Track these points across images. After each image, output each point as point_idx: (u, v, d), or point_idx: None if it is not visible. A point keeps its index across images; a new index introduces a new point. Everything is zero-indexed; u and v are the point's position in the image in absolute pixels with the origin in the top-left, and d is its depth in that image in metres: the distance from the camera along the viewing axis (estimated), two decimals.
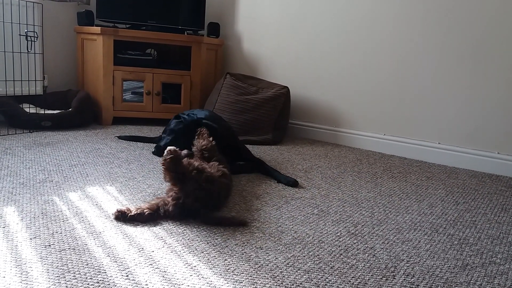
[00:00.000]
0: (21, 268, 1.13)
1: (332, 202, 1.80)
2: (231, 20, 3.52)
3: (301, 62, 3.15)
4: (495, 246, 1.48)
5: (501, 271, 1.30)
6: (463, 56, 2.50)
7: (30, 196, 1.63)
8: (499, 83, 2.41)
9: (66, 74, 3.42)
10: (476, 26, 2.44)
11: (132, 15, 3.23)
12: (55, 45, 3.33)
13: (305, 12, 3.09)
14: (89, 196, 1.68)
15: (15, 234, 1.32)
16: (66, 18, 3.36)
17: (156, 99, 3.15)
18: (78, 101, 2.92)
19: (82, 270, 1.14)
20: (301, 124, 3.19)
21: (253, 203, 1.72)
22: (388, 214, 1.70)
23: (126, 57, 3.10)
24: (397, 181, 2.18)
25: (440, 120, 2.61)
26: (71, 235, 1.33)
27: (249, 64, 3.44)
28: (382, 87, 2.80)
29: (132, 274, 1.14)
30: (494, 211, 1.83)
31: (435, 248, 1.43)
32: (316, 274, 1.20)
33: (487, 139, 2.47)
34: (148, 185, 1.84)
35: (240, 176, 2.06)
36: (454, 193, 2.04)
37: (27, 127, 2.71)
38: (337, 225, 1.56)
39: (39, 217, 1.45)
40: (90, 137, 2.66)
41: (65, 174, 1.93)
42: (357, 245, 1.41)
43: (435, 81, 2.61)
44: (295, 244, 1.38)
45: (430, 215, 1.72)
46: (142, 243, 1.32)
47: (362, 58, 2.87)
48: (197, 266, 1.21)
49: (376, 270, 1.25)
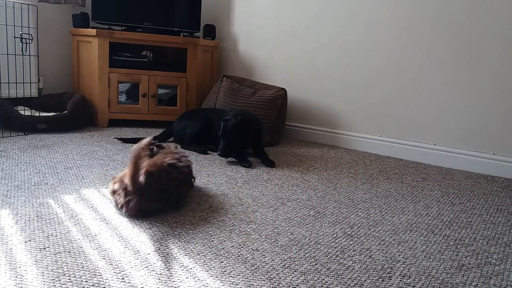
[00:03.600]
0: (15, 271, 1.12)
1: (328, 203, 1.80)
2: (226, 22, 3.53)
3: (297, 64, 3.15)
4: (491, 246, 1.49)
5: (497, 272, 1.31)
6: (458, 58, 2.51)
7: (25, 199, 1.62)
8: (494, 84, 2.42)
9: (61, 76, 3.41)
10: (471, 28, 2.45)
11: (127, 17, 3.23)
12: (50, 47, 3.32)
13: (302, 14, 3.10)
14: (84, 198, 1.67)
15: (9, 237, 1.31)
16: (61, 20, 3.36)
17: (152, 101, 3.14)
18: (73, 104, 2.91)
19: (77, 273, 1.13)
20: (297, 126, 3.20)
21: (249, 204, 1.72)
22: (384, 215, 1.71)
23: (121, 59, 3.10)
24: (393, 182, 2.18)
25: (436, 122, 2.62)
26: (66, 238, 1.33)
27: (245, 66, 3.44)
28: (378, 88, 2.81)
29: (127, 277, 1.13)
30: (490, 211, 1.84)
31: (431, 249, 1.43)
32: (312, 276, 1.20)
33: (482, 140, 2.48)
34: None
35: (237, 178, 2.06)
36: (449, 194, 2.05)
37: (22, 130, 2.70)
38: (333, 226, 1.56)
39: (34, 220, 1.44)
40: (85, 140, 2.65)
41: (60, 176, 1.92)
42: (353, 247, 1.41)
43: (430, 83, 2.62)
44: (291, 245, 1.38)
45: (426, 216, 1.73)
46: (138, 245, 1.31)
47: (358, 60, 2.87)
48: (193, 268, 1.20)
49: (372, 271, 1.26)
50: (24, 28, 2.80)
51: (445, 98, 2.58)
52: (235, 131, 2.30)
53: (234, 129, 2.30)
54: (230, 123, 2.31)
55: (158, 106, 3.17)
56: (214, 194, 1.82)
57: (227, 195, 1.81)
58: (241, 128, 2.31)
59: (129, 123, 3.24)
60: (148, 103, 3.13)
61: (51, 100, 3.10)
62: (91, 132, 2.87)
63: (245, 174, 2.14)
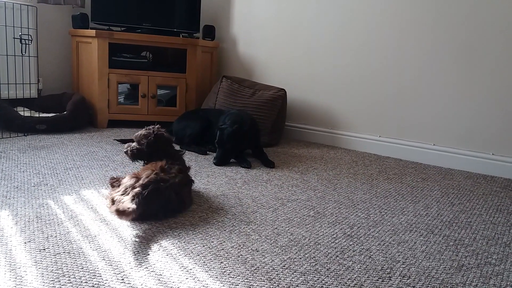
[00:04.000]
0: (15, 272, 1.12)
1: (328, 204, 1.80)
2: (226, 22, 3.53)
3: (297, 64, 3.15)
4: (490, 246, 1.49)
5: (497, 272, 1.31)
6: (457, 58, 2.52)
7: (24, 200, 1.62)
8: (493, 85, 2.42)
9: (61, 77, 3.41)
10: (471, 29, 2.46)
11: (127, 17, 3.22)
12: (49, 48, 3.32)
13: (301, 15, 3.10)
14: (84, 199, 1.67)
15: (9, 238, 1.31)
16: (61, 21, 3.35)
17: (152, 101, 3.14)
18: (73, 104, 2.91)
19: (77, 274, 1.13)
20: (297, 126, 3.20)
21: (249, 205, 1.72)
22: (383, 216, 1.71)
23: (121, 60, 3.10)
24: (392, 182, 2.18)
25: (435, 122, 2.62)
26: (66, 239, 1.33)
27: (244, 66, 3.44)
28: (378, 89, 2.81)
29: (127, 278, 1.13)
30: (489, 212, 1.84)
31: (430, 249, 1.43)
32: (312, 276, 1.20)
33: (482, 141, 2.48)
34: None
35: (237, 178, 2.06)
36: (449, 194, 2.05)
37: (22, 131, 2.69)
38: (333, 227, 1.56)
39: (34, 220, 1.44)
40: (85, 140, 2.65)
41: (60, 177, 1.92)
42: (353, 247, 1.41)
43: (430, 83, 2.62)
44: (291, 246, 1.38)
45: (426, 216, 1.73)
46: (138, 246, 1.31)
47: (357, 60, 2.88)
48: (193, 269, 1.20)
49: (372, 271, 1.26)
50: (23, 29, 2.80)
51: (444, 98, 2.58)
52: (231, 140, 2.30)
53: (230, 139, 2.30)
54: (226, 132, 2.31)
55: (157, 106, 3.17)
56: (214, 195, 1.82)
57: (226, 196, 1.81)
58: (237, 137, 2.31)
59: (128, 123, 3.23)
60: (148, 103, 3.13)
61: (50, 101, 3.10)
62: (91, 133, 2.87)
63: (245, 175, 2.14)
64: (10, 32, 2.76)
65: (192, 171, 2.13)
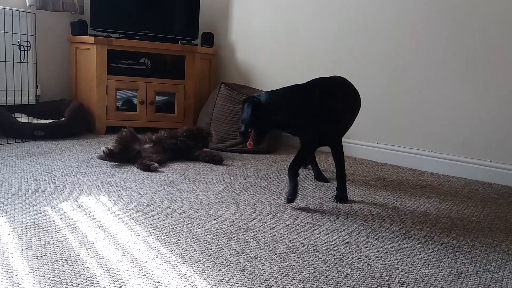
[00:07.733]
0: (12, 279, 1.12)
1: (326, 210, 1.80)
2: (224, 29, 3.54)
3: (294, 71, 3.16)
4: (489, 254, 1.49)
5: (495, 279, 1.30)
6: (455, 65, 2.53)
7: (22, 207, 1.61)
8: (491, 92, 2.43)
9: (59, 83, 3.41)
10: (468, 37, 2.47)
11: (125, 24, 3.23)
12: (48, 55, 3.32)
13: (298, 22, 3.11)
14: (81, 206, 1.67)
15: (6, 245, 1.30)
16: (59, 27, 3.36)
17: (150, 108, 3.14)
18: (71, 111, 2.91)
19: (74, 282, 1.12)
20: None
21: (247, 212, 1.72)
22: (382, 223, 1.71)
23: (119, 66, 3.10)
24: (390, 189, 2.18)
25: (433, 129, 2.63)
26: (63, 246, 1.32)
27: (242, 73, 3.45)
28: (376, 96, 2.82)
29: (125, 285, 1.13)
30: (488, 218, 1.84)
31: (429, 256, 1.43)
32: (311, 284, 1.20)
33: (480, 148, 2.49)
34: (141, 195, 1.83)
35: (235, 185, 2.06)
36: (447, 201, 2.05)
37: (20, 137, 2.69)
38: (331, 234, 1.56)
39: (31, 227, 1.44)
40: (83, 147, 2.64)
41: (57, 184, 1.91)
42: (351, 254, 1.40)
43: (428, 90, 2.63)
44: (289, 253, 1.38)
45: (424, 223, 1.73)
46: (135, 253, 1.31)
47: (355, 67, 2.89)
48: (191, 276, 1.20)
49: (371, 279, 1.25)
50: (22, 36, 2.80)
51: (442, 105, 2.59)
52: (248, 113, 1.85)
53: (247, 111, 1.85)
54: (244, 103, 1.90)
55: (156, 113, 3.17)
56: (212, 201, 1.81)
57: (225, 202, 1.81)
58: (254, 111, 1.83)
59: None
60: (146, 110, 3.13)
61: (48, 107, 3.10)
62: (89, 139, 2.87)
63: (243, 181, 2.14)
64: (9, 39, 2.76)
65: (190, 178, 2.13)
